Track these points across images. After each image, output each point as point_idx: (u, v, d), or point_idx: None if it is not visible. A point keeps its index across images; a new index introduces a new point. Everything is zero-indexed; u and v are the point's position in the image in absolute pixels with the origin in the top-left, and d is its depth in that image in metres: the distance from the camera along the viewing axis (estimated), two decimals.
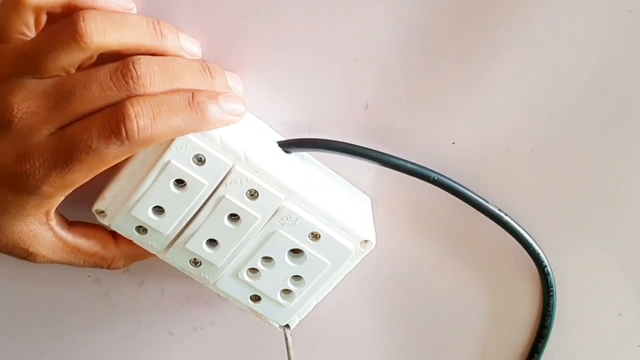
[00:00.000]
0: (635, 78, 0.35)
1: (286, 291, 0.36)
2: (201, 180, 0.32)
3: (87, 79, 0.30)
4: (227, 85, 0.33)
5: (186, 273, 0.35)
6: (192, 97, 0.30)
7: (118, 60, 0.30)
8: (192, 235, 0.33)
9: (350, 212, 0.35)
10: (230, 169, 0.32)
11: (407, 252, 0.40)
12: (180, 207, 0.32)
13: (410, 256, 0.40)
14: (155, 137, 0.29)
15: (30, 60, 0.29)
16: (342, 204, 0.35)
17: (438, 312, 0.42)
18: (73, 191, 0.31)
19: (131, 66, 0.30)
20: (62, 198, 0.31)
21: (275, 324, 0.37)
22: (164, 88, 0.30)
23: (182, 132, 0.30)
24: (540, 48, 0.34)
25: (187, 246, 0.33)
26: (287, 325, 0.38)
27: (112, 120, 0.29)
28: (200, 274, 0.35)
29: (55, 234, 0.33)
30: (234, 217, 0.33)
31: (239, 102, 0.32)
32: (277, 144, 0.35)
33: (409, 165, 0.36)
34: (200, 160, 0.31)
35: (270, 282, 0.35)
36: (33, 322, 0.43)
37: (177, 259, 0.35)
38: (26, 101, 0.29)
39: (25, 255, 0.33)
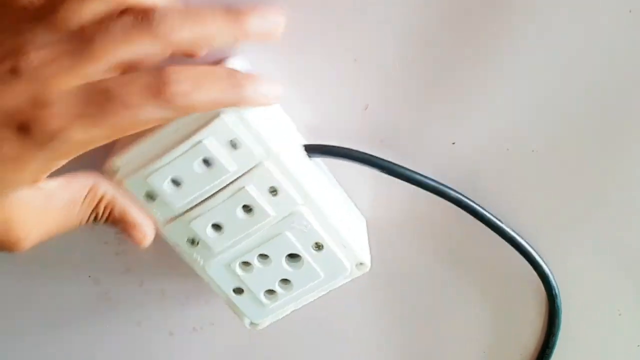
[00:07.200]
0: (636, 78, 0.35)
1: (271, 292, 0.36)
2: (228, 166, 0.31)
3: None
4: None
5: (177, 249, 0.35)
6: (232, 71, 0.30)
7: None
8: (201, 215, 0.33)
9: (353, 230, 0.35)
10: (260, 161, 0.32)
11: (408, 262, 0.40)
12: (198, 185, 0.32)
13: (411, 267, 0.40)
14: (195, 106, 0.29)
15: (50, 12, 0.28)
16: (347, 221, 0.35)
17: (439, 323, 0.42)
18: None
19: None
20: (63, 162, 0.28)
21: (246, 319, 0.37)
22: None
23: (219, 105, 0.30)
24: (540, 48, 0.34)
25: (192, 225, 0.33)
26: (255, 324, 0.37)
27: (156, 81, 0.28)
28: (193, 254, 0.34)
29: (43, 190, 0.29)
30: (247, 209, 0.33)
31: (274, 85, 0.32)
32: (302, 147, 0.35)
33: (430, 182, 0.36)
34: (233, 146, 0.31)
35: (259, 279, 0.35)
36: (32, 322, 0.43)
37: (176, 234, 0.34)
38: (45, 47, 0.27)
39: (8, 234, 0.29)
